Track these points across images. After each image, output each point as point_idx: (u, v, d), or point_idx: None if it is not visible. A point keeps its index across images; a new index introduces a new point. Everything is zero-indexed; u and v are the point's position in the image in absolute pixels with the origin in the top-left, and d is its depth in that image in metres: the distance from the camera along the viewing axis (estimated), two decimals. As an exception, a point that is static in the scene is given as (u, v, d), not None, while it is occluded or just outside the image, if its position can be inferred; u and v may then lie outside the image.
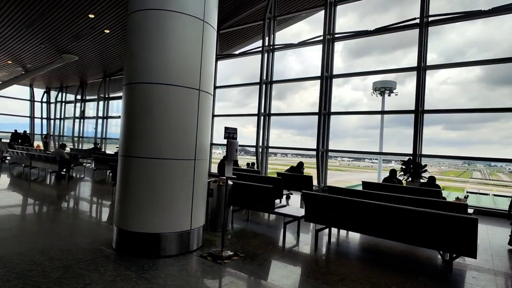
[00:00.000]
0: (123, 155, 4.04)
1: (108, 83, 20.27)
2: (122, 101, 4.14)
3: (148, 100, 3.85)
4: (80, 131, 22.03)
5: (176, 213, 3.88)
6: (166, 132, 3.84)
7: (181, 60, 3.93)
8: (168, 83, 3.85)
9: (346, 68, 61.47)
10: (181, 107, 3.91)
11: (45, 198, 7.39)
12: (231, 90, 18.43)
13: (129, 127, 3.96)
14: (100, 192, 8.40)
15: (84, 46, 15.04)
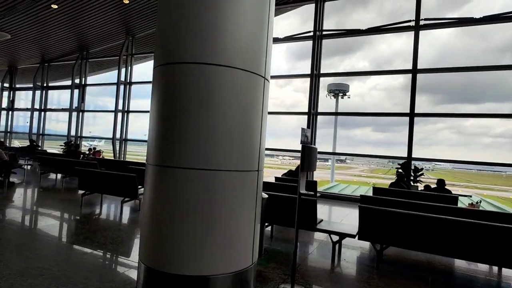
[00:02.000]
0: (156, 164, 2.86)
1: (48, 69, 17.23)
2: (155, 89, 2.96)
3: (205, 88, 2.73)
4: (8, 125, 18.43)
5: (235, 245, 2.84)
6: (227, 133, 2.78)
7: (246, 36, 2.90)
8: (232, 66, 2.78)
9: (290, 69, 62.68)
10: (245, 99, 2.88)
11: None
12: None
13: (169, 126, 2.80)
14: (68, 205, 6.66)
15: (19, 22, 12.40)
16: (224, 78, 2.77)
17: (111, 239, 4.41)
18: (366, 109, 26.96)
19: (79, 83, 15.67)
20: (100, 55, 15.85)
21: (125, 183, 5.89)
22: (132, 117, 14.47)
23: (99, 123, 21.13)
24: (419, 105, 10.87)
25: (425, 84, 68.02)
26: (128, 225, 5.30)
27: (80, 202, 6.40)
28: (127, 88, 14.29)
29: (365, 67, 13.79)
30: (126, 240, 4.52)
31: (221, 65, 2.75)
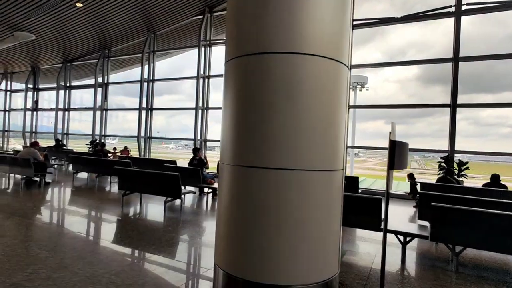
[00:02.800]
0: (234, 164, 2.64)
1: (70, 69, 17.33)
2: (230, 84, 2.74)
3: (291, 80, 2.49)
4: (32, 125, 18.69)
5: (323, 252, 2.60)
6: (314, 128, 2.53)
7: (329, 22, 2.63)
8: (317, 54, 2.52)
9: None
10: (331, 90, 2.62)
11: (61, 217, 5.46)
12: (185, 83, 17.61)
13: (249, 122, 2.57)
14: (110, 206, 6.59)
15: (44, 22, 12.41)
16: (311, 67, 2.51)
17: (165, 241, 4.26)
18: (379, 102, 26.41)
19: (102, 81, 15.68)
20: (121, 53, 15.80)
21: (168, 183, 5.74)
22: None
23: (112, 121, 21.28)
24: (435, 96, 11.15)
25: (439, 75, 66.29)
26: (176, 226, 5.15)
27: (121, 202, 6.31)
28: (150, 86, 14.21)
29: (378, 58, 13.32)
30: (182, 242, 4.36)
31: (307, 54, 2.49)
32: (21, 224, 4.85)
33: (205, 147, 12.98)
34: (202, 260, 3.66)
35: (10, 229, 4.51)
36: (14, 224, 4.76)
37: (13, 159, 7.98)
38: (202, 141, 12.82)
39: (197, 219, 5.72)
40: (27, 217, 5.19)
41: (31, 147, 8.29)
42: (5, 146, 20.08)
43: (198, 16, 12.82)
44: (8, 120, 20.27)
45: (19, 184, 8.03)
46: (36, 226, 4.84)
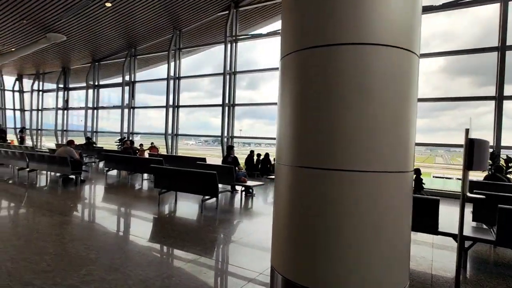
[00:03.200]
0: (296, 165, 2.47)
1: (98, 68, 17.73)
2: (290, 79, 2.55)
3: (363, 72, 2.28)
4: (64, 124, 19.34)
5: (394, 260, 2.40)
6: (387, 126, 2.31)
7: (401, 9, 2.40)
8: (391, 45, 2.30)
9: None
10: (402, 83, 2.38)
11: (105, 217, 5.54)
12: (202, 80, 17.74)
13: (314, 120, 2.38)
14: (147, 204, 6.64)
15: (74, 23, 12.66)
16: (382, 59, 2.29)
17: (210, 242, 4.18)
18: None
19: (129, 80, 15.94)
20: (146, 51, 15.98)
21: (205, 181, 5.67)
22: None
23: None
24: (462, 88, 10.82)
25: (465, 66, 63.32)
26: (216, 225, 5.07)
27: (157, 201, 6.31)
28: (176, 83, 14.28)
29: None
30: (227, 243, 4.26)
31: (378, 44, 2.28)
32: (65, 222, 4.92)
33: (232, 144, 12.92)
34: (252, 263, 3.54)
35: (55, 227, 4.57)
36: (58, 223, 4.83)
37: (51, 157, 8.20)
38: (228, 137, 12.78)
39: (234, 218, 5.62)
40: (68, 215, 5.27)
41: (67, 146, 8.48)
42: (38, 144, 20.91)
43: (224, 12, 12.70)
44: (41, 119, 21.08)
45: (57, 182, 8.25)
46: (78, 224, 4.89)
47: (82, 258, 3.38)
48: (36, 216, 5.13)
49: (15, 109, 21.48)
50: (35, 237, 4.05)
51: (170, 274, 3.11)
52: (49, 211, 5.43)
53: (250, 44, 13.17)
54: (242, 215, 5.98)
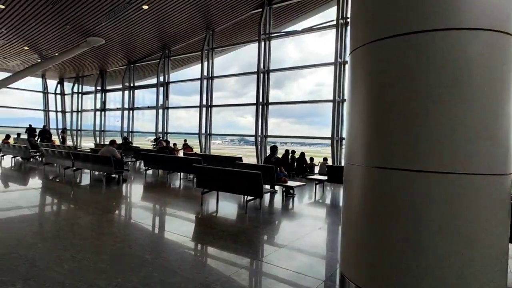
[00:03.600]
0: (372, 165, 2.26)
1: (133, 70, 18.27)
2: (364, 72, 2.35)
3: (456, 64, 2.03)
4: (101, 124, 20.15)
5: (493, 273, 2.12)
6: (486, 122, 2.05)
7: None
8: (488, 28, 2.03)
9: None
10: (502, 72, 2.10)
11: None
12: (229, 80, 17.77)
13: (395, 117, 2.16)
14: (190, 204, 6.67)
15: (113, 26, 13.06)
16: (479, 45, 2.02)
17: (261, 245, 4.04)
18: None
19: (163, 81, 16.26)
20: (180, 52, 16.22)
21: (250, 181, 5.55)
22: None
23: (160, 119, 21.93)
24: None
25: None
26: (265, 227, 4.93)
27: (199, 200, 6.28)
28: (209, 83, 14.37)
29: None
30: (281, 247, 4.10)
31: (473, 29, 2.01)
32: (115, 221, 4.99)
33: (266, 143, 12.79)
34: (313, 269, 3.35)
35: (105, 227, 4.63)
36: (108, 222, 4.91)
37: (95, 157, 8.46)
38: (262, 137, 12.65)
39: (280, 220, 5.46)
40: (117, 214, 5.34)
41: (110, 146, 8.71)
42: (77, 144, 21.93)
43: (257, 10, 12.58)
44: (80, 120, 22.10)
45: (100, 181, 8.50)
46: (128, 224, 4.94)
47: (139, 259, 3.35)
48: (87, 214, 5.25)
49: (57, 111, 22.67)
50: (90, 235, 4.11)
51: (227, 279, 2.99)
52: (98, 209, 5.55)
53: (277, 43, 13.05)
54: (286, 217, 5.81)
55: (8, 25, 12.24)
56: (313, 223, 5.37)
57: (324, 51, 16.26)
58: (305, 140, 47.03)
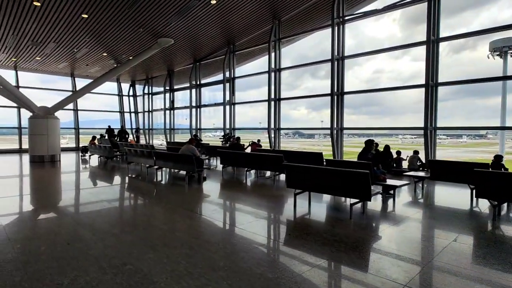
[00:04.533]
0: None
1: (199, 68, 18.55)
2: None
3: None
4: (171, 123, 20.99)
5: None
6: None
7: None
8: None
9: (406, 37, 52.44)
10: None
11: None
12: (282, 73, 16.61)
13: None
14: (282, 205, 6.22)
15: (180, 26, 13.16)
16: None
17: (393, 264, 3.32)
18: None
19: (229, 76, 16.16)
20: (244, 47, 15.92)
21: (354, 181, 4.84)
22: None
23: (217, 115, 22.02)
24: None
25: None
26: (383, 238, 4.20)
27: (290, 201, 5.77)
28: (277, 75, 13.81)
29: (512, 17, 10.03)
30: (415, 265, 3.35)
31: None
32: (214, 227, 4.68)
33: (341, 136, 11.86)
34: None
35: (208, 234, 4.33)
36: (209, 228, 4.62)
37: (176, 155, 8.48)
38: (338, 129, 11.73)
39: (397, 228, 4.63)
40: (213, 219, 5.05)
41: (189, 144, 8.66)
42: (150, 142, 23.23)
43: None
44: (151, 119, 23.34)
45: (181, 179, 8.50)
46: (231, 232, 4.60)
47: (261, 278, 2.89)
48: (183, 218, 5.06)
49: (130, 112, 24.25)
50: (196, 244, 3.80)
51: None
52: (192, 212, 5.34)
53: (327, 32, 12.03)
54: (400, 224, 4.86)
55: (91, 33, 13.08)
56: (441, 233, 4.44)
57: (381, 35, 14.68)
58: (373, 132, 44.27)
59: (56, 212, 5.51)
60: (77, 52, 15.71)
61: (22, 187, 8.31)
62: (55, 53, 15.76)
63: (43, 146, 13.69)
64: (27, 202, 6.35)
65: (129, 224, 4.82)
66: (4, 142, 31.24)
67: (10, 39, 13.43)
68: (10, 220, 4.81)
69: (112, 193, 7.24)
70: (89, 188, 7.97)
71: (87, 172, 11.08)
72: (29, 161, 13.52)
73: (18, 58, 16.65)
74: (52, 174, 10.56)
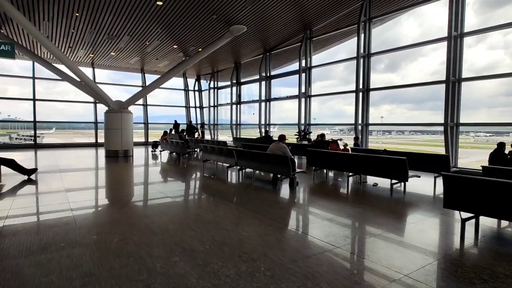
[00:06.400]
0: None
1: (269, 59, 17.19)
2: None
3: None
4: (237, 118, 20.06)
5: None
6: None
7: None
8: None
9: (481, 22, 44.73)
10: None
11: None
12: (336, 67, 14.44)
13: None
14: (429, 228, 4.47)
15: (255, 11, 11.81)
16: None
17: None
18: None
19: (305, 66, 14.49)
20: (321, 32, 14.09)
21: None
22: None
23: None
24: None
25: None
26: None
27: (454, 229, 3.96)
28: (366, 62, 11.78)
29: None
30: None
31: None
32: (313, 245, 3.12)
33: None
34: None
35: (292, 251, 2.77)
36: (298, 242, 3.07)
37: (265, 156, 7.12)
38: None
39: None
40: (314, 236, 3.49)
41: (279, 142, 7.24)
42: (215, 138, 22.67)
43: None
44: (216, 114, 22.74)
45: (268, 182, 7.13)
46: (326, 253, 3.00)
47: None
48: (269, 228, 3.60)
49: (196, 107, 23.97)
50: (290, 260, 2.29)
51: None
52: (280, 223, 3.85)
53: (391, 22, 10.40)
54: None
55: (163, 24, 12.44)
56: None
57: None
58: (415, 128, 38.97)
59: (143, 217, 4.47)
60: (148, 46, 15.41)
61: (101, 184, 7.71)
62: (128, 47, 15.66)
63: (117, 141, 13.56)
64: (116, 201, 5.50)
65: (215, 240, 3.51)
66: (82, 136, 33.77)
67: (88, 34, 13.46)
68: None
69: (192, 196, 6.15)
70: (167, 189, 7.02)
71: (162, 169, 10.39)
72: (105, 156, 13.47)
73: (95, 54, 16.99)
74: (127, 169, 10.04)
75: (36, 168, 8.19)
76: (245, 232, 3.98)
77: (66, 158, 12.80)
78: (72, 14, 11.21)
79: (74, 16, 11.43)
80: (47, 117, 20.96)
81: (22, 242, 3.55)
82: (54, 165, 10.36)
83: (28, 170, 7.85)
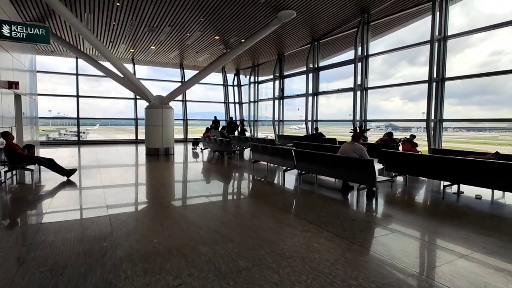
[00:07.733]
0: None
1: (318, 48, 15.68)
2: None
3: None
4: (280, 114, 18.77)
5: None
6: None
7: None
8: None
9: None
10: None
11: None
12: (374, 60, 12.24)
13: None
14: None
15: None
16: None
17: None
18: None
19: (362, 54, 12.84)
20: (383, 14, 12.32)
21: None
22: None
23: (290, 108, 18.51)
24: None
25: None
26: None
27: None
28: (442, 46, 9.94)
29: None
30: None
31: None
32: None
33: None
34: None
35: None
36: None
37: (336, 158, 5.79)
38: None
39: None
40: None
41: (354, 142, 5.88)
42: (255, 134, 21.60)
43: None
44: (256, 110, 21.64)
45: (338, 190, 5.81)
46: None
47: None
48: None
49: (235, 103, 23.05)
50: None
51: None
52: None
53: None
54: None
55: (205, 12, 11.46)
56: None
57: (502, 9, 9.42)
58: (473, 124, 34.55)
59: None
60: (189, 37, 14.58)
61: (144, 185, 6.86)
62: (168, 40, 14.96)
63: (158, 138, 12.90)
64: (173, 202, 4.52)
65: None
66: (123, 132, 34.40)
67: (129, 27, 12.88)
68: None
69: (248, 205, 5.00)
70: (213, 193, 5.95)
71: (208, 170, 9.44)
72: (145, 154, 12.88)
73: (135, 49, 16.54)
74: (172, 170, 9.20)
75: (76, 168, 7.54)
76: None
77: (108, 160, 12.32)
78: (113, 4, 10.57)
79: (115, 6, 10.79)
80: (91, 115, 21.08)
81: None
82: (96, 175, 9.77)
83: (67, 171, 7.21)
